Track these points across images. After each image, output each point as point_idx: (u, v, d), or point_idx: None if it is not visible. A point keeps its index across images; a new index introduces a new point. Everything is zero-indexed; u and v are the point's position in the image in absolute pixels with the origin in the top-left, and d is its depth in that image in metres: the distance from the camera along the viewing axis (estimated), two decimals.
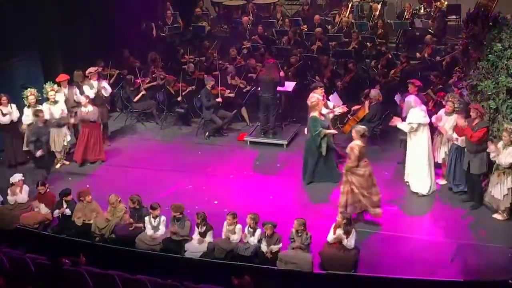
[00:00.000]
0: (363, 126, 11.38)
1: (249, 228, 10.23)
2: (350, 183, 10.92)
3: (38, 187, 11.52)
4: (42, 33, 15.04)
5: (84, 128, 13.63)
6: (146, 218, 10.71)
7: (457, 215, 11.34)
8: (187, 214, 10.66)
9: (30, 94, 13.25)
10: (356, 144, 10.94)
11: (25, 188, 11.68)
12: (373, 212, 11.03)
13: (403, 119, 12.05)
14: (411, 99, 12.02)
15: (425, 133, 11.80)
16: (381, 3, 18.51)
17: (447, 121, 11.76)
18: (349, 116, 14.01)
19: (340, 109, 13.14)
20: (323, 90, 13.01)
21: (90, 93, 13.88)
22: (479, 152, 11.09)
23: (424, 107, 12.04)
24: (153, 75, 15.91)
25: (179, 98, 15.24)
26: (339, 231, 9.93)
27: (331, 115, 13.05)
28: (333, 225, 10.03)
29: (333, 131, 12.64)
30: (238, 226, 10.33)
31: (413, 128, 11.72)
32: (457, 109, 11.70)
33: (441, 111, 11.91)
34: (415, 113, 11.74)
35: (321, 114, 12.45)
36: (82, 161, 13.62)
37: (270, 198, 12.12)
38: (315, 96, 12.60)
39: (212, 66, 16.13)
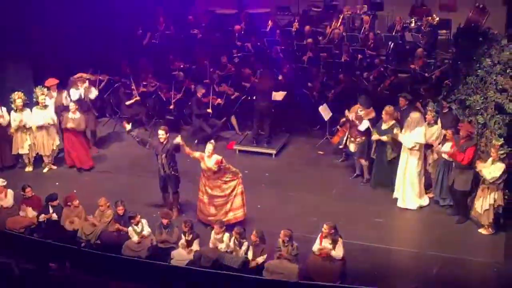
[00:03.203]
0: None
1: (235, 241, 10.23)
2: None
3: (23, 191, 11.45)
4: (33, 36, 14.99)
5: (67, 134, 13.45)
6: (130, 228, 10.66)
7: (443, 229, 11.39)
8: (174, 222, 10.69)
9: (18, 97, 13.17)
10: None
11: (10, 192, 11.61)
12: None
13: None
14: (417, 116, 11.81)
15: (421, 150, 11.84)
16: (371, 16, 18.62)
17: (428, 132, 11.82)
18: (338, 127, 14.05)
19: None
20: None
21: (75, 96, 13.78)
22: (465, 170, 11.14)
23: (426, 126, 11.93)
24: (144, 83, 15.86)
25: (171, 106, 15.23)
26: (326, 242, 9.97)
27: None
28: (319, 235, 10.05)
29: (384, 137, 12.17)
30: (226, 235, 10.33)
31: (416, 147, 11.72)
32: (431, 116, 11.78)
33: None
34: (421, 132, 11.68)
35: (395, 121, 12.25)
36: (76, 165, 13.54)
37: (258, 207, 12.12)
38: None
39: (203, 74, 16.11)
